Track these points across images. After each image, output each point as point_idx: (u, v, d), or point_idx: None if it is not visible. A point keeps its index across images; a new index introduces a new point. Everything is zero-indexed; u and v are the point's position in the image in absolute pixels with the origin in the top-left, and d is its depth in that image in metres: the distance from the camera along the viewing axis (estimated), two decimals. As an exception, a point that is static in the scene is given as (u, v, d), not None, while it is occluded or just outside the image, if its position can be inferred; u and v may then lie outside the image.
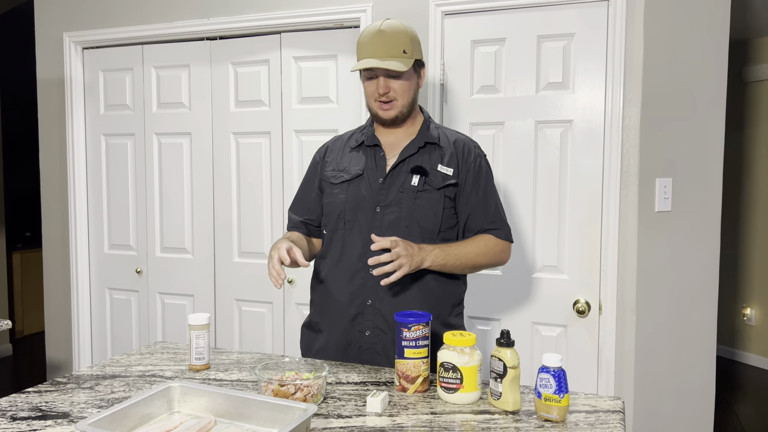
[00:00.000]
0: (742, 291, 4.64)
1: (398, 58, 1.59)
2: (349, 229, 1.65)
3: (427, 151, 1.67)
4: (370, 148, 1.70)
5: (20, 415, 1.23)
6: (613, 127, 2.16)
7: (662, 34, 2.16)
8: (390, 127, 1.69)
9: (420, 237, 1.61)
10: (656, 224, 2.20)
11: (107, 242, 3.02)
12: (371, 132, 1.72)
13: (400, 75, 1.61)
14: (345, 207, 1.66)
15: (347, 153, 1.73)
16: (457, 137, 1.72)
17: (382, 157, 1.68)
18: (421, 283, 1.62)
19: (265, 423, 1.13)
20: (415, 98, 1.69)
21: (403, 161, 1.65)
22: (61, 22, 2.97)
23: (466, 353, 1.29)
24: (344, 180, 1.69)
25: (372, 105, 1.67)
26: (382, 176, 1.65)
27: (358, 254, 1.63)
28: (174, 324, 2.91)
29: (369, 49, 1.61)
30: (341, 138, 1.80)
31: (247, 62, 2.70)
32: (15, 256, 5.07)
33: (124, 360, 1.59)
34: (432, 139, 1.67)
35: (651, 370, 2.23)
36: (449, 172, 1.64)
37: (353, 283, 1.63)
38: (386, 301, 1.61)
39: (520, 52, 2.28)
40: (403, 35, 1.61)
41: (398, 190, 1.63)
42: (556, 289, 2.27)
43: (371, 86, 1.64)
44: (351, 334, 1.64)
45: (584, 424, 1.19)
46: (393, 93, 1.62)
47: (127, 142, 2.94)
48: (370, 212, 1.64)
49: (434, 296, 1.64)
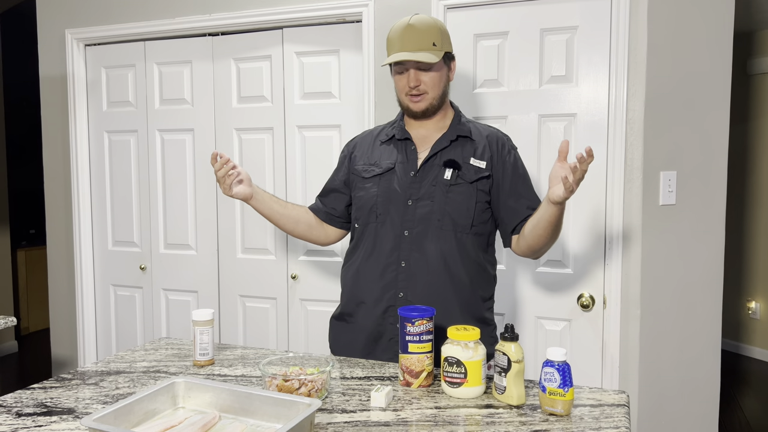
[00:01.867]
0: (747, 284, 4.62)
1: (428, 50, 1.59)
2: (381, 222, 1.66)
3: (459, 144, 1.67)
4: (401, 141, 1.70)
5: (25, 411, 1.24)
6: (616, 121, 2.15)
7: (666, 27, 2.15)
8: (421, 119, 1.69)
9: (452, 231, 1.62)
10: (661, 218, 2.19)
11: (111, 239, 3.03)
12: (402, 126, 1.72)
13: (430, 67, 1.61)
14: (377, 201, 1.67)
15: (378, 147, 1.74)
16: (489, 131, 1.71)
17: (413, 151, 1.68)
18: (453, 276, 1.62)
19: (270, 418, 1.14)
20: (446, 91, 1.69)
21: (435, 155, 1.65)
22: (63, 19, 2.97)
23: (470, 348, 1.29)
24: (376, 174, 1.69)
25: (403, 99, 1.67)
26: (413, 170, 1.65)
27: (390, 247, 1.64)
28: (178, 320, 2.92)
29: (399, 44, 1.61)
30: (371, 132, 1.81)
31: (249, 58, 2.69)
32: (20, 253, 5.08)
33: (128, 356, 1.59)
34: (464, 132, 1.67)
35: (656, 364, 2.23)
36: (482, 165, 1.64)
37: (385, 276, 1.64)
38: (418, 294, 1.62)
39: (523, 46, 2.27)
40: (433, 28, 1.62)
41: (431, 184, 1.63)
42: (560, 283, 2.27)
43: (402, 80, 1.64)
44: (383, 327, 1.65)
45: (589, 417, 1.19)
46: (424, 86, 1.62)
47: (130, 138, 2.94)
48: (402, 206, 1.64)
49: (466, 289, 1.64)
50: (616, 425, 1.15)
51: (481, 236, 1.67)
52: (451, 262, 1.62)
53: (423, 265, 1.62)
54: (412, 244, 1.62)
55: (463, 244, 1.63)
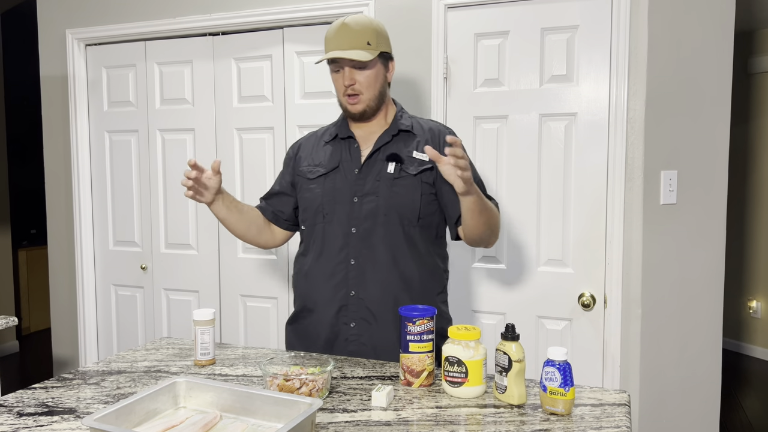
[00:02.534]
0: (748, 283, 4.62)
1: (362, 49, 1.60)
2: (329, 222, 1.66)
3: (401, 139, 1.67)
4: (344, 140, 1.71)
5: (27, 410, 1.24)
6: (617, 120, 2.15)
7: (667, 26, 2.15)
8: (359, 121, 1.69)
9: (399, 225, 1.62)
10: (661, 217, 2.19)
11: (112, 239, 3.03)
12: (345, 125, 1.72)
13: (365, 66, 1.62)
14: (322, 200, 1.67)
15: (321, 147, 1.74)
16: (431, 125, 1.73)
17: (356, 149, 1.68)
18: (403, 270, 1.63)
19: (271, 418, 1.14)
20: (384, 91, 1.69)
21: (378, 150, 1.66)
22: (64, 19, 2.97)
23: (471, 347, 1.29)
24: (320, 174, 1.69)
25: (341, 99, 1.67)
26: (357, 167, 1.66)
27: (339, 246, 1.64)
28: (179, 320, 2.92)
29: (333, 43, 1.61)
30: (315, 134, 1.81)
31: (250, 57, 2.69)
32: (21, 253, 5.09)
33: (129, 356, 1.59)
34: (405, 127, 1.68)
35: (656, 363, 2.23)
36: (425, 158, 1.64)
37: (336, 276, 1.64)
38: (370, 291, 1.62)
39: (523, 45, 2.26)
40: (367, 28, 1.62)
41: (375, 179, 1.63)
42: (560, 282, 2.27)
43: (338, 79, 1.65)
44: (337, 327, 1.65)
45: (590, 417, 1.19)
46: (358, 86, 1.62)
47: (131, 138, 2.94)
48: (347, 203, 1.64)
49: (416, 283, 1.64)
50: (617, 425, 1.15)
51: (429, 228, 1.67)
52: (400, 257, 1.62)
53: (372, 262, 1.62)
54: (360, 241, 1.62)
55: (411, 237, 1.63)
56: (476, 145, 2.35)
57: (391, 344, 1.60)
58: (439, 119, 2.36)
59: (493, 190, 2.33)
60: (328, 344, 1.66)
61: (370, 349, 1.63)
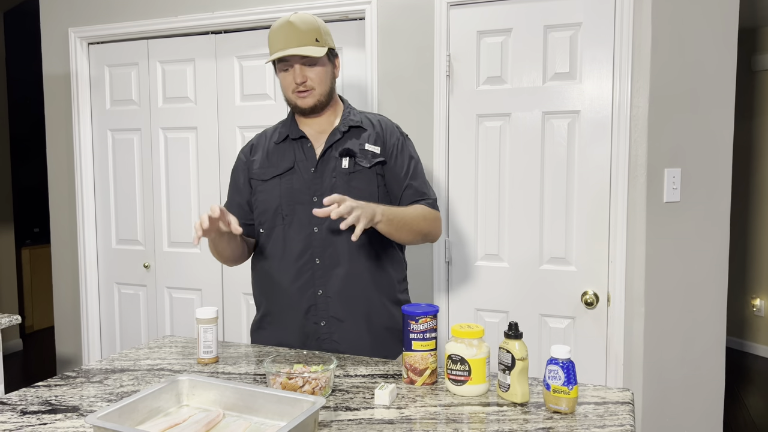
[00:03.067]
0: (752, 282, 4.61)
1: (311, 45, 1.60)
2: (288, 224, 1.65)
3: (352, 134, 1.68)
4: (297, 140, 1.69)
5: (30, 409, 1.24)
6: (621, 117, 2.14)
7: (670, 23, 2.14)
8: (310, 116, 1.68)
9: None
10: (665, 215, 2.19)
11: (115, 237, 3.03)
12: (294, 125, 1.71)
13: (315, 63, 1.62)
14: (281, 202, 1.66)
15: (273, 148, 1.72)
16: (379, 118, 1.73)
17: (310, 148, 1.68)
18: (366, 263, 1.64)
19: (274, 416, 1.14)
20: (333, 87, 1.69)
21: (330, 147, 1.66)
22: (67, 18, 2.97)
23: (474, 345, 1.28)
24: (275, 175, 1.68)
25: (290, 96, 1.66)
26: (312, 166, 1.65)
27: (302, 248, 1.64)
28: (182, 318, 2.92)
29: (282, 41, 1.60)
30: (265, 134, 1.78)
31: (252, 56, 2.69)
32: (24, 252, 5.10)
33: (132, 354, 1.59)
34: (355, 122, 1.69)
35: (660, 362, 2.23)
36: (377, 150, 1.65)
37: (301, 277, 1.64)
38: (337, 289, 1.62)
39: (526, 43, 2.26)
40: (313, 25, 1.62)
41: (331, 176, 1.63)
42: (564, 280, 2.26)
43: (287, 77, 1.64)
44: (307, 328, 1.65)
45: (593, 415, 1.18)
46: (310, 82, 1.62)
47: (134, 137, 2.95)
48: (307, 204, 1.63)
49: (380, 274, 1.66)
50: (620, 423, 1.15)
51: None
52: (363, 250, 1.63)
53: (336, 258, 1.62)
54: (323, 239, 1.62)
55: (371, 231, 1.61)
56: (479, 143, 2.34)
57: (364, 340, 1.63)
58: (442, 117, 2.36)
59: (496, 189, 2.33)
60: (300, 345, 1.66)
61: (343, 346, 1.63)
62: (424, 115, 2.38)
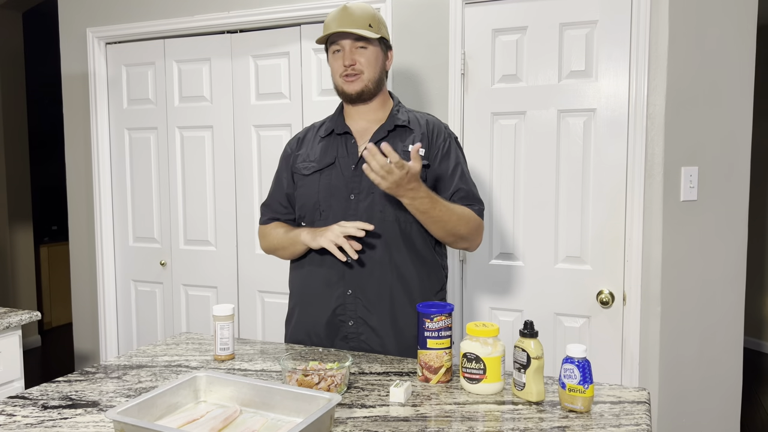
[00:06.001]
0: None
1: (365, 29, 1.60)
2: (325, 219, 1.64)
3: (398, 134, 1.66)
4: (341, 136, 1.69)
5: (51, 403, 1.26)
6: (637, 116, 2.13)
7: (688, 20, 2.12)
8: (357, 104, 1.67)
9: (395, 222, 1.60)
10: (682, 214, 2.17)
11: (132, 235, 3.06)
12: (341, 120, 1.71)
13: (366, 46, 1.61)
14: (319, 197, 1.65)
15: (318, 143, 1.72)
16: (428, 119, 1.70)
17: (353, 144, 1.66)
18: (400, 267, 1.61)
19: (290, 412, 1.15)
20: (383, 77, 1.68)
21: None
22: (85, 18, 3.01)
23: (489, 344, 1.29)
24: (316, 170, 1.67)
25: (338, 81, 1.66)
26: (353, 163, 1.64)
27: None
28: (198, 315, 2.95)
29: (335, 23, 1.61)
30: (313, 128, 1.78)
31: (268, 55, 2.71)
32: (42, 249, 5.17)
33: (150, 350, 1.61)
34: (401, 122, 1.66)
35: (676, 362, 2.21)
36: (421, 153, 1.61)
37: (332, 275, 1.63)
38: (367, 289, 1.61)
39: (542, 41, 2.25)
40: (368, 12, 1.63)
41: None
42: (579, 279, 2.25)
43: (337, 60, 1.64)
44: (334, 326, 1.64)
45: (609, 414, 1.18)
46: (359, 65, 1.61)
47: (150, 135, 2.97)
48: (344, 201, 1.63)
49: (414, 281, 1.63)
50: (636, 422, 1.14)
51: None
52: (397, 254, 1.61)
53: (369, 259, 1.60)
54: (356, 239, 1.59)
55: (408, 235, 1.61)
56: (494, 141, 2.34)
57: (391, 345, 1.61)
58: (456, 115, 2.35)
59: (511, 187, 2.32)
60: (327, 343, 1.66)
61: (369, 348, 1.62)
62: (439, 113, 2.38)
